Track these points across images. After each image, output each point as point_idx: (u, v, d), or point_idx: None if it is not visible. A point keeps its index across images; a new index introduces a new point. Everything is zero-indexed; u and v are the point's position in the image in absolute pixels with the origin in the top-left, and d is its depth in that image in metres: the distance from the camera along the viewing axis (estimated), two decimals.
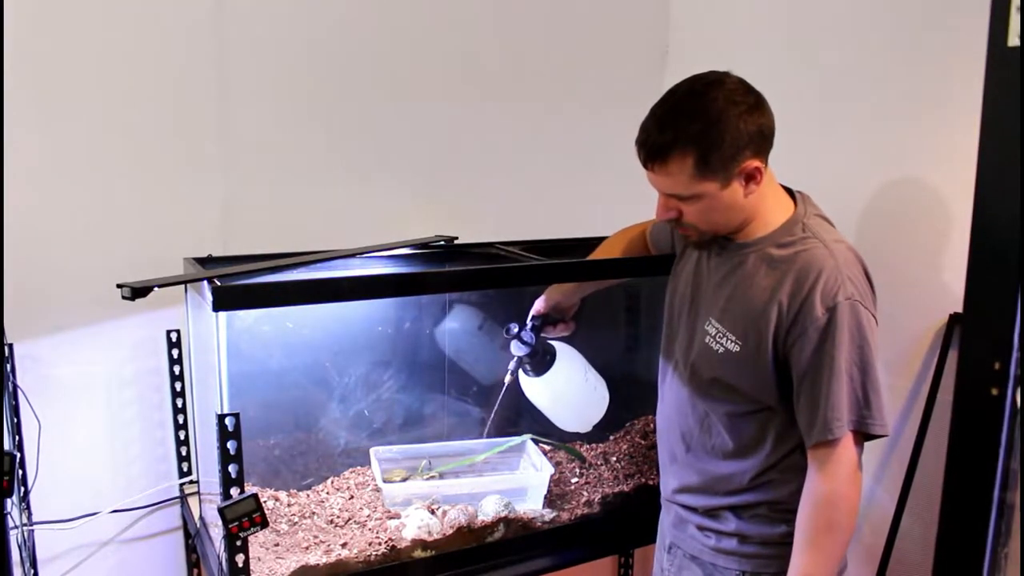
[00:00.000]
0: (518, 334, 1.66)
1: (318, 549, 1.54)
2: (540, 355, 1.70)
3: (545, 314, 1.69)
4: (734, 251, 1.37)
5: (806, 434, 1.28)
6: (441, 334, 1.90)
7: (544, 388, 1.73)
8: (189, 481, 1.88)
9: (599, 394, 1.80)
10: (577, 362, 1.77)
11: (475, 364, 1.91)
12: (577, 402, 1.78)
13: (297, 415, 1.81)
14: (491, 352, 1.82)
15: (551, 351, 1.72)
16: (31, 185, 1.65)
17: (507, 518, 1.66)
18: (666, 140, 1.26)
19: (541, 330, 1.69)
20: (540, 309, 1.69)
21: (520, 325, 1.68)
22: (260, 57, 1.83)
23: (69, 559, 1.81)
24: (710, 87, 1.26)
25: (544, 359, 1.71)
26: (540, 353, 1.70)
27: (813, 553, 1.28)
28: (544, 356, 1.71)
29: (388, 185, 2.00)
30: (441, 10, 1.99)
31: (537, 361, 1.70)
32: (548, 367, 1.71)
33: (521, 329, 1.67)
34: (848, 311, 1.24)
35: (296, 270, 1.56)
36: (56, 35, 1.64)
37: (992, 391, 0.94)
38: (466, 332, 1.89)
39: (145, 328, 1.81)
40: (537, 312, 1.69)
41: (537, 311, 1.69)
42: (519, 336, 1.66)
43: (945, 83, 1.59)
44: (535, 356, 1.69)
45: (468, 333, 1.88)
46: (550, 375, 1.71)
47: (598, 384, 1.80)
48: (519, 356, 1.69)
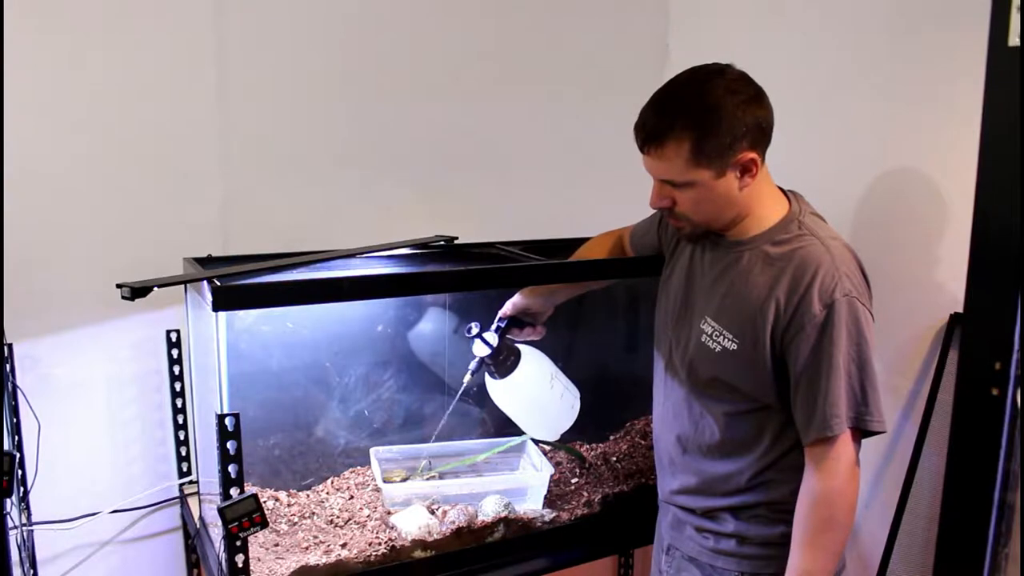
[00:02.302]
0: (479, 334, 1.64)
1: (318, 549, 1.54)
2: (503, 357, 1.67)
3: (513, 316, 1.67)
4: (728, 249, 1.37)
5: (804, 431, 1.28)
6: (440, 336, 1.89)
7: (507, 391, 1.70)
8: (189, 481, 1.88)
9: (566, 402, 1.75)
10: (544, 366, 1.73)
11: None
12: (541, 407, 1.75)
13: (297, 415, 1.81)
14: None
15: (516, 353, 1.69)
16: (31, 185, 1.65)
17: (507, 518, 1.66)
18: (663, 124, 1.26)
19: (507, 332, 1.67)
20: (508, 312, 1.68)
21: (483, 326, 1.65)
22: (260, 57, 1.83)
23: (69, 559, 1.81)
24: (711, 76, 1.27)
25: (507, 361, 1.67)
26: (504, 355, 1.67)
27: (811, 551, 1.28)
28: (508, 358, 1.67)
29: (388, 185, 2.00)
30: (441, 10, 1.99)
31: (500, 362, 1.67)
32: (511, 370, 1.67)
33: (483, 329, 1.65)
34: (846, 308, 1.24)
35: (296, 270, 1.56)
36: (56, 35, 1.64)
37: (992, 391, 0.94)
38: (464, 334, 1.88)
39: (145, 328, 1.81)
40: (504, 314, 1.68)
41: (505, 313, 1.68)
42: (481, 337, 1.64)
43: (945, 83, 1.59)
44: (498, 357, 1.66)
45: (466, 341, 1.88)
46: (513, 378, 1.68)
47: (566, 391, 1.76)
48: (481, 357, 1.66)
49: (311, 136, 1.91)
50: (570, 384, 1.78)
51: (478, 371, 1.70)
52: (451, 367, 1.88)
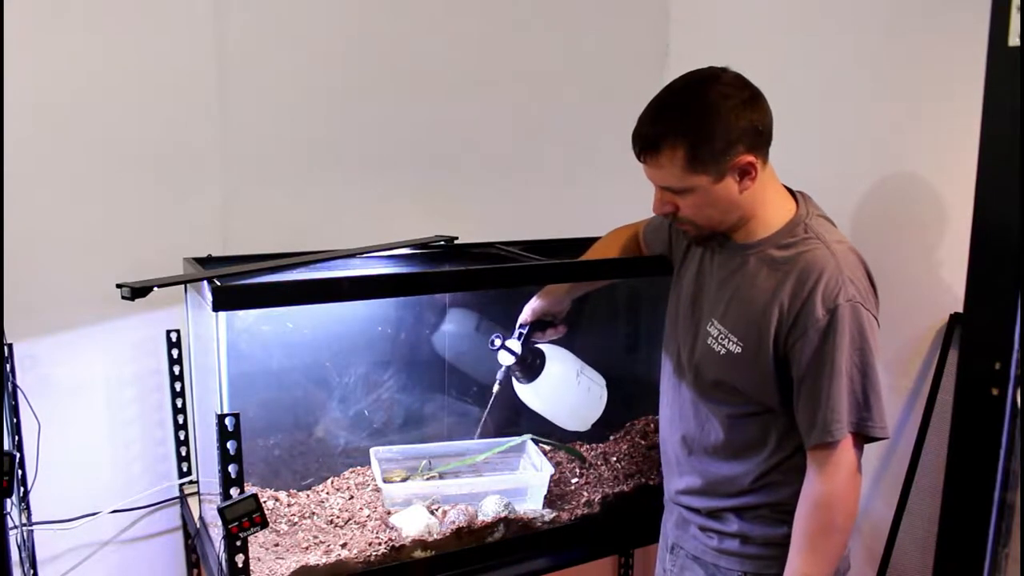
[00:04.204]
0: (503, 345, 1.64)
1: (318, 549, 1.54)
2: (530, 361, 1.68)
3: (534, 321, 1.68)
4: (736, 252, 1.37)
5: (805, 436, 1.28)
6: (440, 336, 1.89)
7: (537, 393, 1.71)
8: (189, 481, 1.88)
9: (594, 394, 1.78)
10: (569, 364, 1.74)
11: (474, 365, 1.90)
12: (572, 403, 1.76)
13: (297, 415, 1.81)
14: (490, 355, 1.81)
15: (540, 355, 1.69)
16: (31, 185, 1.65)
17: (507, 518, 1.66)
18: (657, 132, 1.27)
19: (530, 337, 1.67)
20: (528, 317, 1.68)
21: (504, 335, 1.65)
22: (260, 57, 1.83)
23: (69, 559, 1.81)
24: (705, 82, 1.27)
25: (534, 364, 1.68)
26: (529, 359, 1.67)
27: (810, 555, 1.28)
28: (534, 362, 1.68)
29: (388, 185, 2.00)
30: (441, 10, 1.99)
31: (527, 368, 1.68)
32: (539, 372, 1.68)
33: (507, 339, 1.65)
34: (849, 313, 1.24)
35: (296, 270, 1.56)
36: (56, 35, 1.64)
37: (992, 391, 0.94)
38: (463, 334, 1.88)
39: (145, 328, 1.81)
40: (525, 320, 1.68)
41: (525, 319, 1.68)
42: (504, 347, 1.64)
43: (945, 83, 1.59)
44: (524, 363, 1.67)
45: (465, 335, 1.88)
46: (541, 379, 1.69)
47: (592, 384, 1.78)
48: (507, 366, 1.67)
49: (311, 136, 1.91)
50: (595, 374, 1.79)
51: (506, 379, 1.70)
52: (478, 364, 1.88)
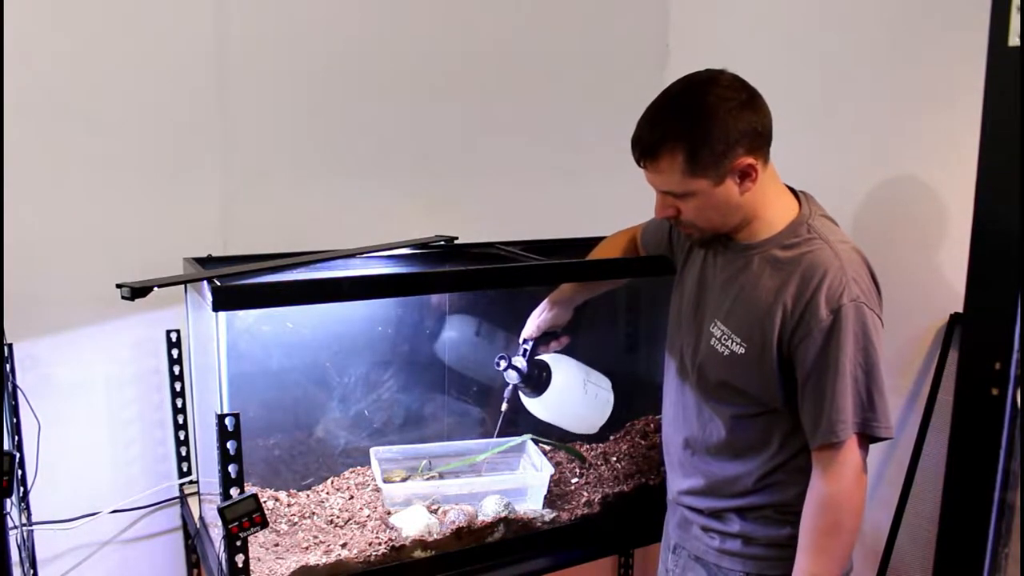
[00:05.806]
0: (510, 364, 1.64)
1: (318, 549, 1.54)
2: (535, 376, 1.67)
3: (538, 336, 1.67)
4: (739, 252, 1.37)
5: (810, 436, 1.28)
6: (440, 339, 1.89)
7: (545, 405, 1.70)
8: (189, 481, 1.88)
9: (602, 399, 1.78)
10: (575, 372, 1.73)
11: (474, 365, 1.90)
12: (580, 412, 1.76)
13: (297, 415, 1.81)
14: (490, 355, 1.82)
15: (546, 369, 1.69)
16: (31, 185, 1.65)
17: (507, 518, 1.66)
18: (655, 137, 1.27)
19: (534, 352, 1.67)
20: (532, 332, 1.67)
21: (509, 354, 1.65)
22: (260, 57, 1.83)
23: (69, 559, 1.81)
24: (703, 84, 1.26)
25: (540, 378, 1.68)
26: (536, 374, 1.67)
27: (817, 555, 1.28)
28: (540, 376, 1.68)
29: (388, 185, 2.00)
30: (441, 10, 1.99)
31: (533, 382, 1.67)
32: (546, 386, 1.67)
33: (512, 356, 1.65)
34: (853, 313, 1.23)
35: (296, 270, 1.56)
36: (56, 35, 1.64)
37: (992, 391, 0.94)
38: (463, 334, 1.88)
39: (145, 328, 1.81)
40: (529, 336, 1.67)
41: (529, 335, 1.67)
42: (512, 366, 1.64)
43: (945, 83, 1.59)
44: (530, 378, 1.67)
45: (465, 335, 1.88)
46: (548, 392, 1.68)
47: (600, 390, 1.77)
48: (514, 384, 1.67)
49: (311, 136, 1.91)
50: (601, 378, 1.79)
51: (514, 396, 1.70)
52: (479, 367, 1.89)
